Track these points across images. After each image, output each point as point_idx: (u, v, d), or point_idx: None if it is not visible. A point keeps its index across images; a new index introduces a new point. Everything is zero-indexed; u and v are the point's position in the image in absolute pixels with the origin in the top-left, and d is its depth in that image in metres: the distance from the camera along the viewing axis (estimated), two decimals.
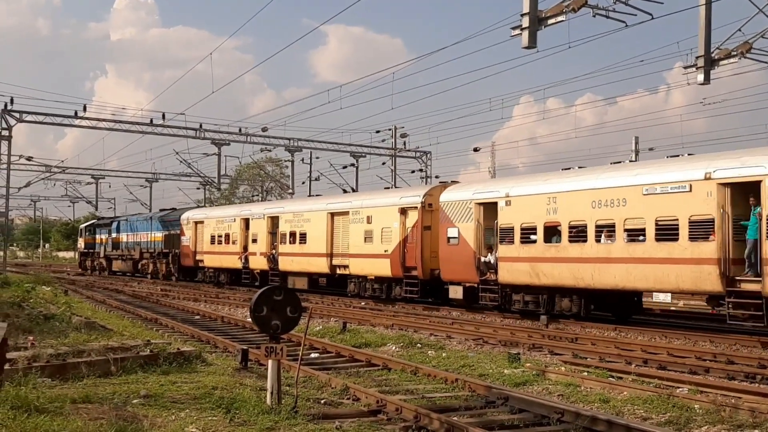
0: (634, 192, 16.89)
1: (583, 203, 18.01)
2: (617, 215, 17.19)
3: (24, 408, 6.77)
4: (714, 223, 15.24)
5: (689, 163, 16.40)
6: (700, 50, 17.60)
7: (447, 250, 22.16)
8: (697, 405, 8.91)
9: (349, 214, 26.99)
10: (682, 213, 15.87)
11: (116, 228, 49.76)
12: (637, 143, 40.58)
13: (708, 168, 15.57)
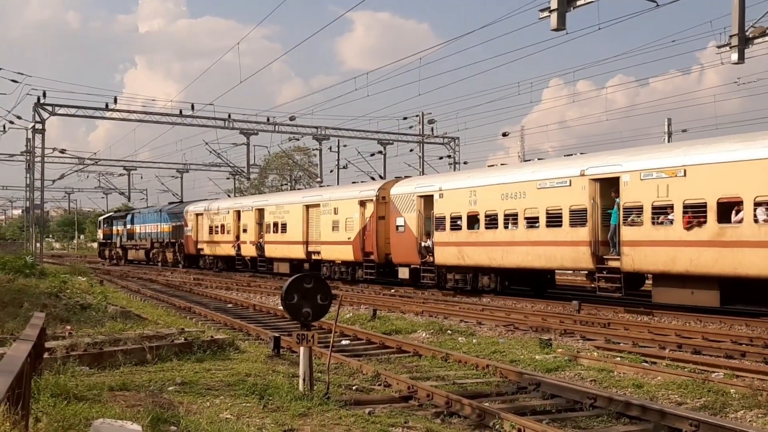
0: (531, 186, 20.22)
1: (495, 196, 21.41)
2: (519, 206, 20.58)
3: (63, 396, 6.93)
4: (587, 212, 18.43)
5: (570, 163, 19.74)
6: (734, 29, 17.19)
7: (396, 237, 25.76)
8: (733, 389, 8.80)
9: (320, 206, 30.57)
10: (564, 204, 19.17)
11: (130, 220, 53.76)
12: (670, 125, 39.89)
13: (582, 167, 18.83)
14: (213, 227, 40.46)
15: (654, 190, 16.95)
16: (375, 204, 26.99)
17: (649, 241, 17.00)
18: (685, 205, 16.33)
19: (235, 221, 38.10)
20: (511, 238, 20.81)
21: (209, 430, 6.28)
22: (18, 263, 25.02)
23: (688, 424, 6.99)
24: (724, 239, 15.53)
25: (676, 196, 16.50)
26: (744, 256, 15.10)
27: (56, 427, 5.71)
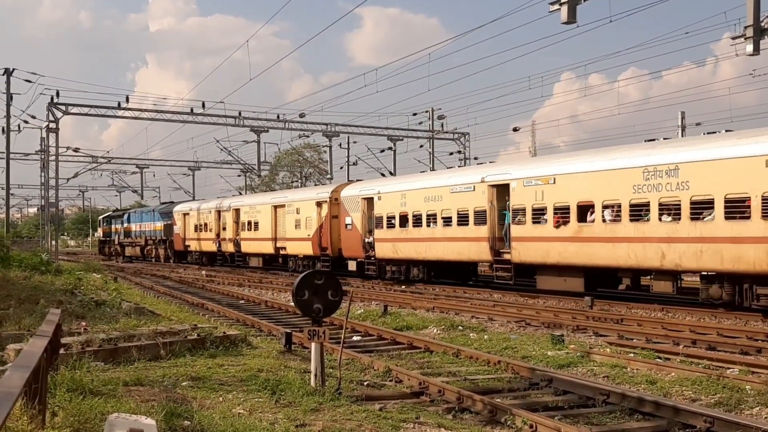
0: (446, 191, 24.02)
1: (420, 199, 25.25)
2: (438, 207, 24.31)
3: (79, 390, 6.98)
4: (486, 213, 22.23)
5: (475, 171, 23.88)
6: (749, 20, 17.03)
7: (345, 234, 29.50)
8: (748, 386, 8.74)
9: (285, 206, 34.47)
10: (470, 206, 22.91)
11: (127, 219, 57.96)
12: (684, 119, 39.57)
13: (483, 174, 22.64)
14: (197, 226, 44.73)
15: (533, 195, 20.59)
16: (329, 205, 30.76)
17: (531, 237, 20.63)
18: (555, 207, 19.83)
19: (216, 220, 42.08)
20: (432, 234, 24.59)
21: (222, 425, 6.31)
22: (34, 260, 25.23)
23: (702, 420, 6.95)
24: (582, 235, 19.04)
25: (548, 200, 20.08)
26: (596, 249, 18.62)
27: (72, 421, 5.77)
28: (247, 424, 6.39)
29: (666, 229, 16.85)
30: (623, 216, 17.92)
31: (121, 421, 5.17)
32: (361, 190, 29.05)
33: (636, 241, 17.54)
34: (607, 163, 18.58)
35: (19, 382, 3.78)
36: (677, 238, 16.61)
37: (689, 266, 16.74)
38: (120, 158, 63.71)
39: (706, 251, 16.04)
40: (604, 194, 18.41)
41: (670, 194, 16.79)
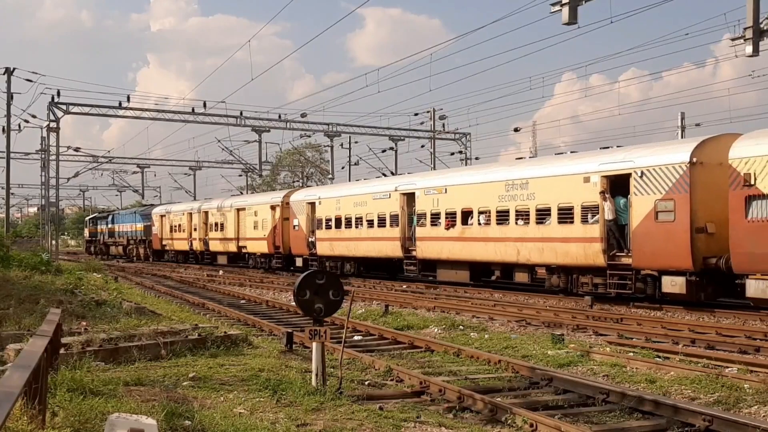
0: (370, 197, 28.38)
1: (350, 204, 29.52)
2: (363, 211, 28.56)
3: (79, 390, 6.99)
4: (399, 217, 26.42)
5: (391, 181, 28.97)
6: (749, 21, 17.03)
7: (293, 234, 33.77)
8: (747, 385, 8.76)
9: (246, 209, 38.41)
10: (387, 210, 27.18)
11: (111, 220, 62.18)
12: (683, 119, 39.56)
13: (396, 184, 27.29)
14: (172, 227, 48.70)
15: (432, 202, 24.85)
16: (281, 208, 34.82)
17: (430, 237, 24.87)
18: (446, 212, 24.07)
19: (188, 222, 45.98)
20: (359, 235, 28.81)
21: (223, 424, 6.32)
22: (34, 260, 25.25)
23: (701, 419, 6.97)
24: (465, 236, 23.19)
25: (442, 207, 24.33)
26: (475, 248, 22.81)
27: (72, 421, 5.78)
28: (248, 424, 6.40)
29: (520, 231, 21.05)
30: (492, 221, 22.12)
31: (121, 421, 5.18)
32: (305, 195, 33.97)
33: (500, 241, 21.77)
34: (482, 177, 23.19)
35: (19, 382, 3.79)
36: (527, 238, 20.76)
37: (536, 261, 20.80)
38: (121, 158, 63.75)
39: (546, 248, 20.11)
40: (480, 203, 22.72)
41: (523, 203, 20.99)
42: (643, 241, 17.56)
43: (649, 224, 17.49)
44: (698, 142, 17.36)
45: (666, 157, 17.43)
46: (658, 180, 17.36)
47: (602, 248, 18.48)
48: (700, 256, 16.60)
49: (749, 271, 15.40)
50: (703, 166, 16.81)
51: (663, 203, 17.22)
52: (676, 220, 16.93)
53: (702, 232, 16.71)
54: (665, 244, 17.05)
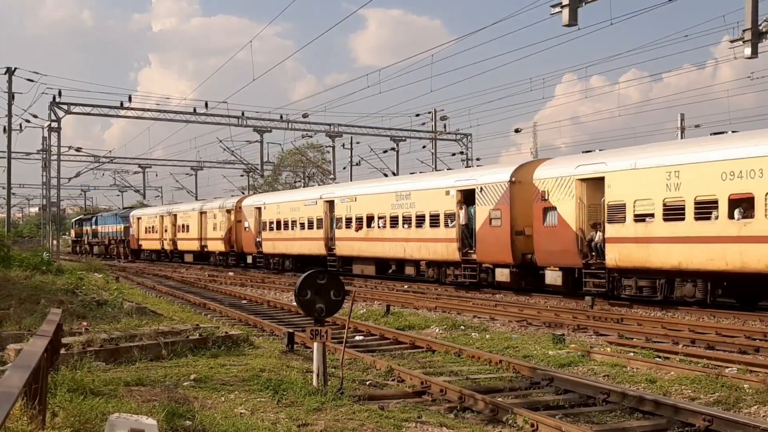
0: (302, 203, 33.83)
1: (287, 209, 34.88)
2: (297, 215, 33.91)
3: (80, 391, 6.98)
4: (323, 220, 31.50)
5: (317, 191, 34.79)
6: (747, 23, 17.03)
7: (245, 235, 38.76)
8: (746, 385, 8.76)
9: (207, 212, 43.56)
10: (314, 215, 32.39)
11: (95, 222, 67.04)
12: (683, 120, 39.54)
13: (321, 193, 32.88)
14: (147, 228, 53.56)
15: (346, 209, 30.02)
16: (235, 212, 39.80)
17: (345, 237, 30.03)
18: (356, 217, 29.10)
19: (160, 224, 50.62)
20: (294, 235, 34.00)
21: (224, 425, 6.32)
22: (35, 260, 25.28)
23: (701, 419, 6.97)
24: (369, 237, 28.20)
25: (353, 213, 29.44)
26: (376, 246, 27.84)
27: (73, 421, 5.78)
28: (249, 424, 6.40)
29: (405, 233, 26.35)
30: (387, 224, 27.27)
31: (121, 421, 5.18)
32: (254, 201, 38.90)
33: (393, 241, 26.93)
34: (380, 189, 28.75)
35: (18, 383, 3.79)
36: (410, 238, 26.02)
37: (417, 257, 25.82)
38: (122, 158, 63.81)
39: (423, 247, 25.35)
40: (378, 209, 27.88)
41: (407, 211, 26.31)
42: (483, 242, 22.68)
43: (486, 228, 22.53)
44: (517, 166, 22.58)
45: (495, 176, 22.54)
46: (491, 194, 22.49)
47: (458, 247, 23.68)
48: (519, 253, 21.62)
49: (546, 264, 20.55)
50: (520, 184, 21.67)
51: (494, 212, 22.26)
52: (502, 225, 21.91)
53: (521, 235, 21.58)
54: (496, 243, 22.13)
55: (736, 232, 15.68)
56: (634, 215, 17.88)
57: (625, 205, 18.10)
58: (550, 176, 20.51)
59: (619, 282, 18.59)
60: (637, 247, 17.75)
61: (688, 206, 16.66)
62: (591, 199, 19.33)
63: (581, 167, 19.67)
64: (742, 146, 15.94)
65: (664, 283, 17.49)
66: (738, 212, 15.74)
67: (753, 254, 15.36)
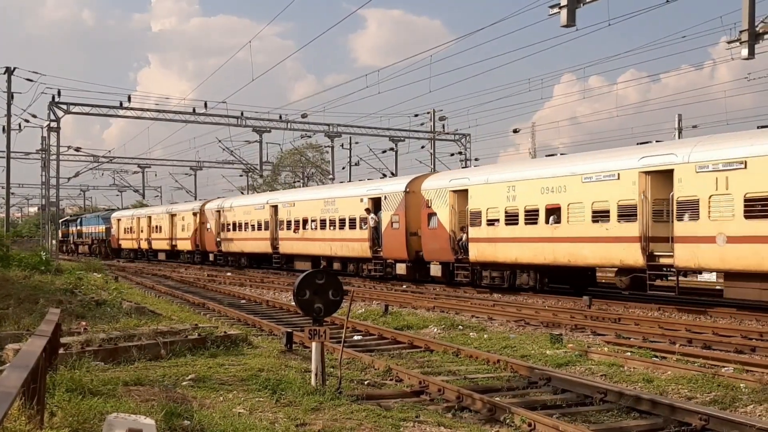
0: (252, 208, 38.31)
1: (242, 212, 39.25)
2: (251, 218, 38.07)
3: (78, 390, 6.99)
4: (270, 222, 35.94)
5: (264, 197, 40.11)
6: (744, 24, 17.03)
7: (207, 234, 43.55)
8: (742, 384, 8.80)
9: (177, 215, 48.23)
10: (262, 218, 36.88)
11: (80, 223, 71.21)
12: (681, 121, 39.55)
13: (268, 198, 37.70)
14: (125, 229, 57.88)
15: (287, 213, 34.60)
16: (199, 214, 44.34)
17: (287, 238, 34.40)
18: (294, 220, 33.68)
19: (137, 225, 55.05)
20: (246, 236, 38.55)
21: (222, 424, 6.34)
22: (34, 260, 25.28)
23: (698, 418, 7.00)
24: (305, 237, 32.66)
25: (293, 216, 33.93)
26: (310, 246, 32.21)
27: (71, 421, 5.79)
28: (248, 424, 6.43)
29: (331, 234, 30.56)
30: (318, 227, 31.59)
31: (120, 421, 5.20)
32: (215, 205, 43.38)
33: (323, 241, 31.18)
34: (312, 195, 33.65)
35: (17, 382, 3.81)
36: (335, 239, 30.19)
37: (341, 254, 30.14)
38: (121, 158, 63.71)
39: (344, 246, 29.62)
40: (312, 214, 32.28)
41: (332, 215, 30.49)
42: (387, 241, 27.17)
43: (389, 230, 26.95)
44: (411, 178, 27.28)
45: (395, 187, 27.24)
46: (392, 202, 26.97)
47: (369, 246, 28.02)
48: (413, 250, 26.04)
49: (431, 260, 25.23)
50: (413, 193, 26.10)
51: (394, 216, 26.72)
52: (400, 227, 26.39)
53: (414, 235, 25.90)
54: (396, 243, 26.59)
55: (550, 234, 20.14)
56: (487, 220, 22.47)
57: (481, 212, 22.75)
58: (432, 188, 25.30)
59: (480, 273, 23.20)
60: (489, 245, 22.37)
61: (521, 214, 21.22)
62: (460, 206, 23.93)
63: (453, 181, 24.64)
64: (554, 167, 20.65)
65: (509, 274, 22.10)
66: (552, 219, 20.14)
67: (561, 251, 19.86)
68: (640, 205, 17.75)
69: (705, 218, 16.30)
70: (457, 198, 24.00)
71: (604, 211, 18.67)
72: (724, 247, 15.92)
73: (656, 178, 17.73)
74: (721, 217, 16.04)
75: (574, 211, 19.48)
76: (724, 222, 15.95)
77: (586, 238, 19.15)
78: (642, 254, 17.65)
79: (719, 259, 16.20)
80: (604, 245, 18.68)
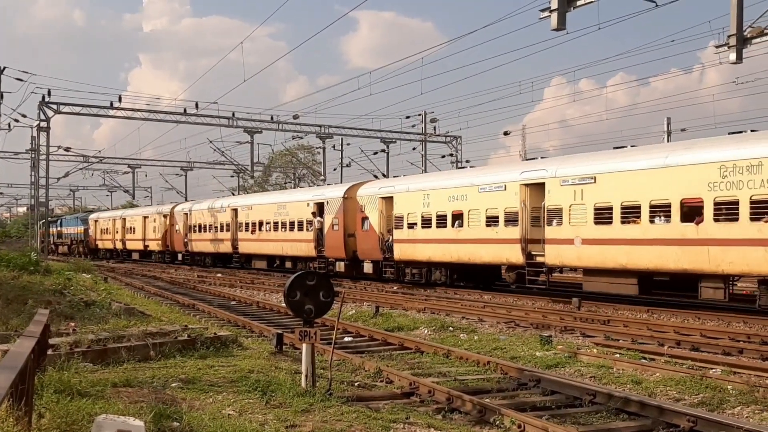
0: (217, 211, 41.37)
1: (207, 215, 42.56)
2: (213, 220, 41.50)
3: (67, 392, 6.96)
4: (231, 225, 39.42)
5: (226, 201, 42.48)
6: (732, 29, 17.12)
7: (175, 235, 47.19)
8: (730, 386, 8.86)
9: (149, 217, 51.88)
10: (224, 220, 40.18)
11: (60, 224, 74.64)
12: (669, 124, 39.74)
13: (229, 203, 41.02)
14: (102, 230, 61.69)
15: (245, 215, 38.17)
16: (169, 217, 48.16)
17: (246, 239, 37.91)
18: (251, 222, 37.24)
19: (113, 226, 58.74)
20: (210, 237, 42.09)
21: (212, 426, 6.32)
22: (22, 260, 25.13)
23: (686, 419, 7.04)
24: (261, 238, 36.25)
25: (250, 218, 37.58)
26: (265, 246, 35.77)
27: (59, 422, 5.76)
28: (237, 426, 6.40)
29: (283, 235, 34.06)
30: (272, 228, 35.10)
31: (108, 423, 5.18)
32: (182, 208, 47.20)
33: (276, 242, 34.61)
34: (267, 200, 37.48)
35: (5, 383, 3.79)
36: (287, 239, 33.68)
37: (291, 254, 33.68)
38: (112, 158, 63.29)
39: (294, 246, 33.13)
40: (266, 217, 35.89)
41: (284, 218, 34.10)
42: (329, 242, 30.31)
43: (331, 232, 30.03)
44: (349, 186, 30.25)
45: (335, 193, 30.27)
46: (333, 206, 30.00)
47: (314, 246, 31.40)
48: (350, 250, 29.04)
49: (364, 258, 28.38)
50: (350, 199, 29.15)
51: (335, 219, 29.70)
52: (339, 229, 29.43)
53: (352, 237, 28.83)
54: (336, 243, 29.63)
55: (455, 236, 23.45)
56: (408, 224, 25.77)
57: (403, 216, 25.99)
58: (365, 194, 28.59)
59: (403, 270, 26.36)
60: (409, 246, 25.76)
61: (434, 218, 24.49)
62: (388, 212, 27.06)
63: (382, 189, 27.92)
64: (458, 179, 24.49)
65: (426, 271, 25.31)
66: (457, 223, 23.40)
67: (464, 251, 23.17)
68: (521, 212, 21.09)
69: (567, 224, 19.46)
70: (385, 204, 27.18)
71: (495, 216, 21.99)
72: (580, 247, 19.09)
73: (533, 190, 20.89)
74: (578, 223, 19.16)
75: (473, 216, 22.84)
76: (580, 227, 19.10)
77: (482, 239, 22.51)
78: (522, 254, 21.04)
79: (576, 257, 19.47)
80: (495, 246, 22.00)
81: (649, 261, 17.34)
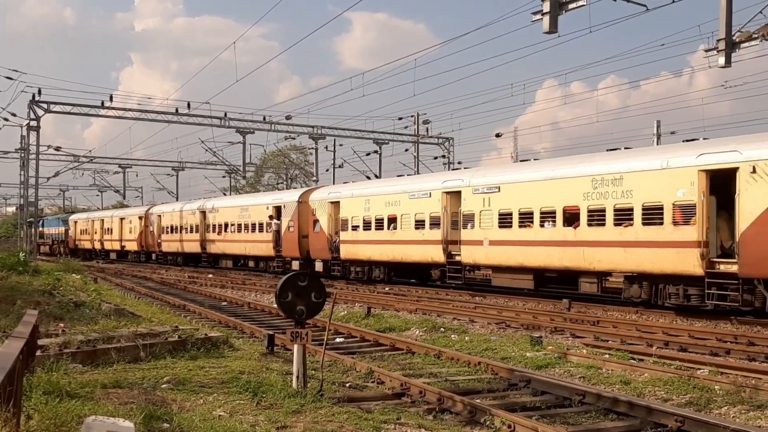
0: (187, 213, 43.90)
1: (178, 217, 45.21)
2: (184, 222, 43.92)
3: (56, 393, 6.92)
4: (200, 226, 42.28)
5: (196, 203, 44.91)
6: (721, 33, 17.22)
7: (150, 236, 49.60)
8: (717, 386, 8.92)
9: (126, 218, 54.77)
10: (194, 222, 42.68)
11: (42, 224, 74.17)
12: (659, 127, 39.91)
13: (198, 205, 43.55)
14: (82, 230, 63.91)
15: (212, 218, 40.62)
16: (144, 218, 50.63)
17: (214, 239, 40.54)
18: (218, 224, 39.65)
19: (91, 227, 61.20)
20: (181, 237, 44.41)
21: (202, 427, 6.31)
22: (11, 260, 24.99)
23: (673, 420, 7.10)
24: (227, 239, 39.00)
25: (217, 221, 40.07)
26: (232, 246, 38.12)
27: (48, 424, 5.73)
28: (228, 427, 6.39)
29: (246, 236, 36.61)
30: (236, 230, 37.69)
31: (98, 424, 5.16)
32: (156, 210, 49.69)
33: (239, 242, 37.28)
34: (232, 203, 40.27)
35: None
36: (249, 240, 36.20)
37: (252, 254, 36.30)
38: (102, 158, 62.99)
39: (255, 247, 35.65)
40: (232, 218, 38.39)
41: (246, 220, 36.72)
42: (285, 243, 32.71)
43: (287, 233, 32.54)
44: (303, 191, 33.92)
45: (291, 198, 33.12)
46: (289, 210, 32.47)
47: (273, 246, 33.82)
48: (304, 250, 31.52)
49: (316, 258, 30.82)
50: (304, 203, 31.69)
51: (290, 222, 32.16)
52: (295, 231, 31.75)
53: (305, 238, 31.31)
54: (292, 244, 32.17)
55: (390, 238, 26.20)
56: (352, 226, 28.25)
57: (348, 219, 28.48)
58: (317, 199, 31.17)
59: (348, 269, 28.92)
60: (353, 246, 28.23)
61: (373, 222, 27.19)
62: (335, 215, 29.49)
63: (331, 194, 30.49)
64: (393, 186, 27.23)
65: (368, 269, 27.94)
66: (392, 226, 26.24)
67: (397, 251, 25.95)
68: (442, 216, 23.94)
69: (478, 227, 22.37)
70: (333, 208, 29.75)
71: (422, 220, 24.80)
72: (488, 248, 21.98)
73: (453, 197, 23.79)
74: (486, 227, 22.03)
75: (405, 220, 25.63)
76: (488, 230, 21.97)
77: (412, 241, 25.21)
78: (444, 253, 23.99)
79: (485, 257, 22.30)
80: (422, 246, 24.82)
81: (540, 260, 20.26)
